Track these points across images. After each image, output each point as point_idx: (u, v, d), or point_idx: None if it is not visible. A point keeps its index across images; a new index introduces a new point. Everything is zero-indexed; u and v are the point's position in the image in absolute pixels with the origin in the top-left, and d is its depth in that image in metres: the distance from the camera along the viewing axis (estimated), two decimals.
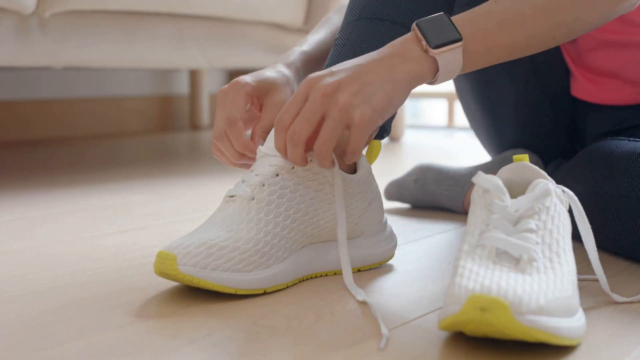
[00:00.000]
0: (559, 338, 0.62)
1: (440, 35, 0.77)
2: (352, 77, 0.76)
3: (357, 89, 0.75)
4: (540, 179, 0.73)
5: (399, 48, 0.78)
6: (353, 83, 0.75)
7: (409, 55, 0.77)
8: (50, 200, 1.37)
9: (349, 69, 0.77)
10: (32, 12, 1.55)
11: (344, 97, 0.75)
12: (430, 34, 0.77)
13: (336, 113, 0.75)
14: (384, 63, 0.77)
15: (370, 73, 0.76)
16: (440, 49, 0.77)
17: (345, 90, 0.75)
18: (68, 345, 0.65)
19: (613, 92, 1.12)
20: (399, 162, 1.98)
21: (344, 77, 0.76)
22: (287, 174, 0.84)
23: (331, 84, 0.75)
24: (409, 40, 0.78)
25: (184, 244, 0.77)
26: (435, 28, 0.77)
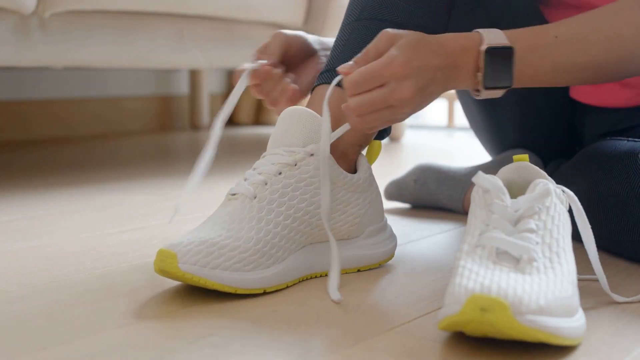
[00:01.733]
0: (559, 338, 0.62)
1: (497, 76, 0.80)
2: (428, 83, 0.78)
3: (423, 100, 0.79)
4: (540, 179, 0.73)
5: (462, 64, 0.80)
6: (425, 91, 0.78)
7: (462, 75, 0.80)
8: (50, 200, 1.36)
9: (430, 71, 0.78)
10: (32, 12, 1.55)
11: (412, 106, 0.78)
12: (491, 73, 0.79)
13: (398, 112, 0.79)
14: (448, 75, 0.79)
15: (437, 82, 0.79)
16: (488, 91, 0.81)
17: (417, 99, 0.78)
18: (68, 345, 0.65)
19: (611, 94, 1.12)
20: (399, 162, 1.98)
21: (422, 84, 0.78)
22: (289, 172, 0.84)
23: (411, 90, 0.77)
24: (469, 58, 0.80)
25: (185, 242, 0.77)
26: (497, 66, 0.79)
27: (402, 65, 0.77)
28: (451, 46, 0.80)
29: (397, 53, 0.77)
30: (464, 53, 0.80)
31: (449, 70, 0.79)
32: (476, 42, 0.80)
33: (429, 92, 0.79)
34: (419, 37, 0.79)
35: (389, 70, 0.77)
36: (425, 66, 0.78)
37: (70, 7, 1.59)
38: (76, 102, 2.60)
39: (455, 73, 0.80)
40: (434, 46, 0.79)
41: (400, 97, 0.77)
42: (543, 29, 0.84)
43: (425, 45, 0.79)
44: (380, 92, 0.77)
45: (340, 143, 0.89)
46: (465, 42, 0.80)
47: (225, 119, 0.91)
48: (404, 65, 0.77)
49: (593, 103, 1.14)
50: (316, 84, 0.90)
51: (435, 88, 0.79)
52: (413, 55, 0.77)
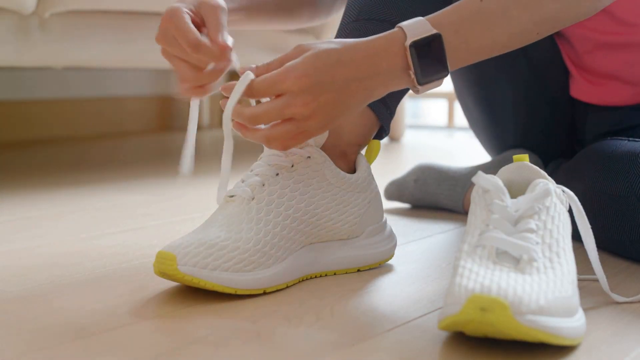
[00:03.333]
0: (559, 338, 0.62)
1: (430, 67, 0.75)
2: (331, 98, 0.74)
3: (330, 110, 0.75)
4: (540, 179, 0.73)
5: (385, 64, 0.75)
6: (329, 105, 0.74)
7: (392, 78, 0.76)
8: (50, 200, 1.37)
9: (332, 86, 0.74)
10: (32, 12, 1.55)
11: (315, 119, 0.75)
12: (421, 65, 0.75)
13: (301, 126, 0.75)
14: (367, 85, 0.75)
15: (350, 96, 0.75)
16: (425, 84, 0.76)
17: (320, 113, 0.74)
18: (68, 345, 0.65)
19: (612, 93, 1.12)
20: (399, 162, 1.98)
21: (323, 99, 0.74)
22: (287, 172, 0.84)
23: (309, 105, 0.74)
24: (395, 58, 0.75)
25: (184, 244, 0.77)
26: (428, 57, 0.75)
27: (297, 78, 0.73)
28: (368, 53, 0.75)
29: (295, 64, 0.73)
30: (388, 55, 0.75)
31: (367, 79, 0.75)
32: (399, 40, 0.75)
33: (344, 103, 0.75)
34: (326, 49, 0.74)
35: (283, 83, 0.73)
36: (326, 81, 0.73)
37: (70, 7, 1.59)
38: (76, 102, 2.60)
39: (379, 79, 0.75)
40: (343, 57, 0.74)
41: (295, 111, 0.74)
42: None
43: (330, 57, 0.74)
44: (274, 103, 0.74)
45: (340, 143, 0.89)
46: (386, 43, 0.75)
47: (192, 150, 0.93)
48: (298, 79, 0.73)
49: (593, 102, 1.14)
50: None
51: (352, 99, 0.75)
52: (312, 69, 0.73)
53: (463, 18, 0.77)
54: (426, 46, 0.75)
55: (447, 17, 0.77)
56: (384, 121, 0.91)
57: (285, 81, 0.74)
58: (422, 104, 3.83)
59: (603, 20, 1.07)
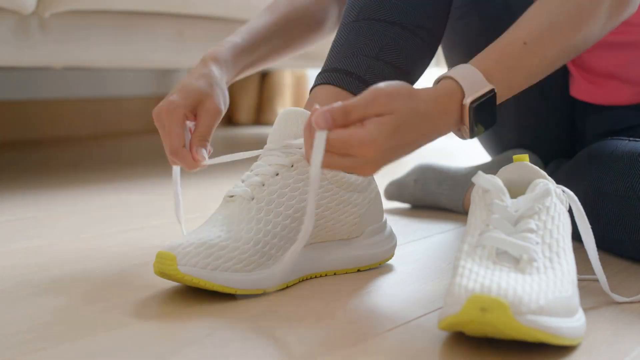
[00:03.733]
0: (559, 338, 0.62)
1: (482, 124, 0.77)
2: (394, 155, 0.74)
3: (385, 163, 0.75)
4: (540, 179, 0.73)
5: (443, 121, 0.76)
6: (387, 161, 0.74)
7: (446, 129, 0.77)
8: (50, 200, 1.36)
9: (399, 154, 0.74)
10: (32, 12, 1.55)
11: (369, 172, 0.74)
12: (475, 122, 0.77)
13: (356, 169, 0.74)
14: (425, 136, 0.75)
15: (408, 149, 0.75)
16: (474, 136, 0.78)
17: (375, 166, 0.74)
18: (68, 345, 0.65)
19: (611, 92, 1.12)
20: (399, 162, 1.98)
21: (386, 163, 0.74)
22: (287, 172, 0.84)
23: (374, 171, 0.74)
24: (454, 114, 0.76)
25: (184, 244, 0.77)
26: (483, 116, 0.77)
27: (372, 151, 0.72)
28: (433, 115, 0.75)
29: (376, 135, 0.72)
30: (446, 114, 0.76)
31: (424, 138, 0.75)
32: (458, 98, 0.76)
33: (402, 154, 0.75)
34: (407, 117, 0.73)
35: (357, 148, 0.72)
36: (397, 147, 0.73)
37: (70, 7, 1.59)
38: (76, 102, 2.59)
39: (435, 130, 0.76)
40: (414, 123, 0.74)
41: (362, 173, 0.74)
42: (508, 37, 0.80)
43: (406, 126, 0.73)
44: (342, 161, 0.73)
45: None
46: (448, 101, 0.76)
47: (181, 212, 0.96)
48: (374, 151, 0.72)
49: (593, 102, 1.14)
50: (315, 84, 0.90)
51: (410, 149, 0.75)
52: (391, 141, 0.72)
53: (510, 68, 0.79)
54: (485, 106, 0.77)
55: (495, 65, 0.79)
56: None
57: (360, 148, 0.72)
58: None
59: None
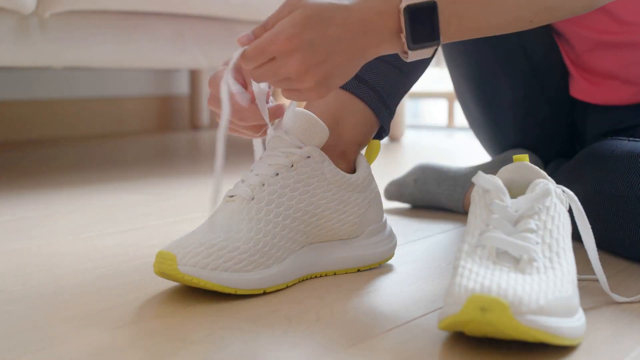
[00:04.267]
0: (559, 338, 0.62)
1: (422, 33, 0.74)
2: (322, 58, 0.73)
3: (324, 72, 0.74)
4: (540, 179, 0.73)
5: (378, 25, 0.75)
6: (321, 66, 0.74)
7: (383, 40, 0.75)
8: (50, 200, 1.36)
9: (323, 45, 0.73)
10: (32, 12, 1.55)
11: (308, 80, 0.74)
12: (413, 30, 0.74)
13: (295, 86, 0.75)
14: (358, 44, 0.75)
15: (341, 53, 0.74)
16: (416, 49, 0.75)
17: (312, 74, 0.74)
18: (68, 345, 0.65)
19: (611, 92, 1.12)
20: (399, 162, 1.98)
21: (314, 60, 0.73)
22: (287, 172, 0.84)
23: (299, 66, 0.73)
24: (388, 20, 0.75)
25: (184, 244, 0.77)
26: (421, 23, 0.74)
27: (287, 40, 0.72)
28: (362, 13, 0.74)
29: (285, 26, 0.73)
30: (381, 16, 0.75)
31: (359, 37, 0.74)
32: (394, 3, 0.74)
33: (337, 63, 0.74)
34: (318, 7, 0.74)
35: (274, 45, 0.73)
36: (317, 39, 0.73)
37: (70, 7, 1.59)
38: (76, 102, 2.60)
39: (371, 39, 0.75)
40: (336, 16, 0.74)
41: (289, 71, 0.73)
42: None
43: (323, 15, 0.74)
44: (268, 66, 0.74)
45: (340, 143, 0.89)
46: (382, 6, 0.75)
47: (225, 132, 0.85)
48: (289, 40, 0.73)
49: (594, 101, 1.14)
50: None
51: (344, 58, 0.74)
52: (303, 29, 0.73)
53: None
54: (420, 11, 0.74)
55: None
56: (384, 121, 0.91)
57: (276, 43, 0.73)
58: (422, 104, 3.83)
59: (602, 19, 1.07)
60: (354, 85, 0.89)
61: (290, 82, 0.75)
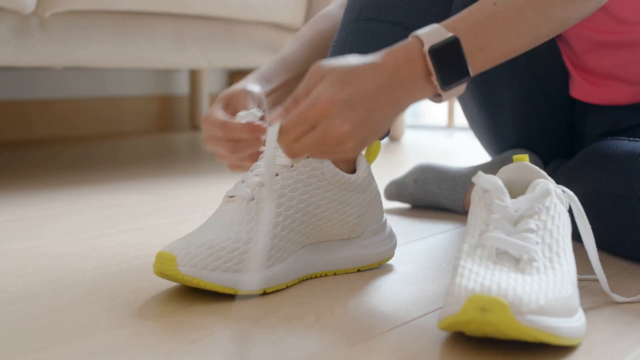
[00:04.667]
0: (559, 338, 0.62)
1: (452, 72, 0.74)
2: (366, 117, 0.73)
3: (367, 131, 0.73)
4: (540, 179, 0.73)
5: (407, 74, 0.74)
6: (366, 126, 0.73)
7: (416, 87, 0.75)
8: (50, 200, 1.37)
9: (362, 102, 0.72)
10: (32, 12, 1.55)
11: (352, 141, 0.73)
12: (443, 71, 0.74)
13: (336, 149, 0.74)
14: (393, 97, 0.74)
15: (380, 111, 0.74)
16: (449, 89, 0.75)
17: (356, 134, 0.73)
18: (68, 345, 0.65)
19: (611, 92, 1.12)
20: (399, 162, 1.98)
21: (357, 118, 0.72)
22: (286, 173, 0.84)
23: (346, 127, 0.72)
24: (416, 67, 0.74)
25: (184, 244, 0.77)
26: (449, 62, 0.74)
27: (327, 104, 0.71)
28: (390, 66, 0.73)
29: (321, 90, 0.72)
30: (409, 65, 0.74)
31: (393, 90, 0.74)
32: (417, 48, 0.74)
33: (376, 120, 0.74)
34: (346, 67, 0.73)
35: (314, 111, 0.72)
36: (355, 96, 0.72)
37: (70, 7, 1.59)
38: (76, 102, 2.60)
39: (404, 89, 0.74)
40: (366, 72, 0.73)
41: (335, 135, 0.72)
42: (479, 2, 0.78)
43: (353, 74, 0.72)
44: (312, 135, 0.73)
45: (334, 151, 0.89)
46: (405, 53, 0.74)
47: None
48: (329, 103, 0.71)
49: (593, 102, 1.14)
50: None
51: (382, 114, 0.74)
52: (339, 89, 0.71)
53: (477, 23, 0.76)
54: (444, 50, 0.74)
55: (462, 22, 0.77)
56: None
57: (316, 108, 0.72)
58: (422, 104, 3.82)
59: (602, 19, 1.07)
60: None
61: (336, 146, 0.74)
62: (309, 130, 0.73)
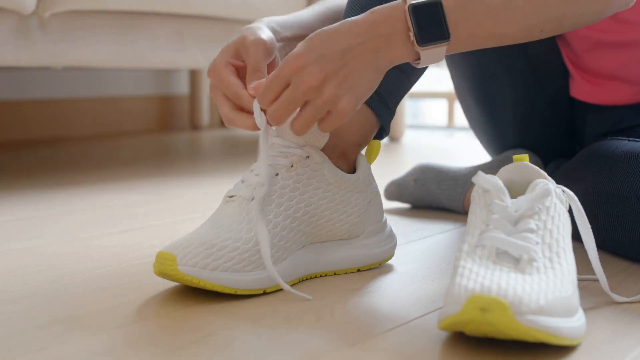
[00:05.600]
0: (559, 338, 0.62)
1: (430, 30, 0.75)
2: (338, 66, 0.74)
3: (343, 79, 0.74)
4: (540, 179, 0.73)
5: (385, 29, 0.75)
6: (339, 73, 0.74)
7: (394, 41, 0.75)
8: (50, 200, 1.37)
9: (335, 54, 0.74)
10: (32, 12, 1.55)
11: (329, 90, 0.74)
12: (421, 27, 0.75)
13: (319, 103, 0.75)
14: (369, 47, 0.75)
15: (355, 59, 0.75)
16: (426, 47, 0.75)
17: (331, 82, 0.74)
18: (68, 345, 0.65)
19: (611, 92, 1.12)
20: (399, 162, 1.98)
21: (330, 68, 0.74)
22: (286, 173, 0.84)
23: (316, 76, 0.74)
24: (396, 22, 0.75)
25: (184, 244, 0.77)
26: (427, 20, 0.75)
27: (296, 59, 0.74)
28: (367, 20, 0.75)
29: (294, 50, 0.75)
30: (388, 19, 0.75)
31: (370, 41, 0.75)
32: (400, 6, 0.75)
33: (358, 69, 0.75)
34: (321, 29, 0.76)
35: (286, 69, 0.74)
36: (327, 51, 0.74)
37: (70, 7, 1.59)
38: (76, 102, 2.60)
39: (381, 40, 0.75)
40: (341, 30, 0.75)
41: (307, 87, 0.74)
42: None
43: (326, 33, 0.75)
44: (286, 92, 0.75)
45: (340, 143, 0.89)
46: (387, 10, 0.76)
47: None
48: (298, 58, 0.74)
49: (593, 102, 1.14)
50: None
51: (361, 62, 0.75)
52: (309, 47, 0.74)
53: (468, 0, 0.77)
54: (424, 8, 0.75)
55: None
56: (384, 121, 0.91)
57: (286, 67, 0.74)
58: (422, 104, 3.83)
59: None
60: None
61: (313, 103, 0.75)
62: (284, 89, 0.75)
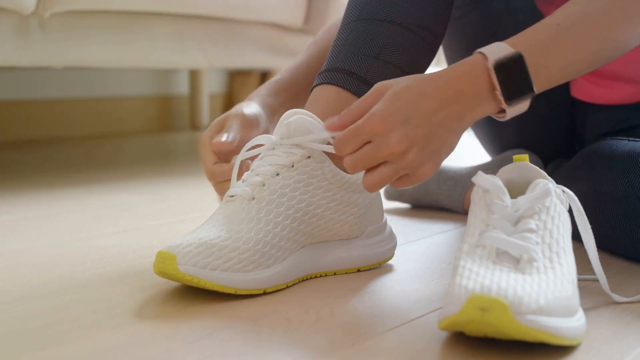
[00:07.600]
0: (559, 338, 0.62)
1: (516, 87, 0.74)
2: (423, 132, 0.73)
3: (426, 144, 0.74)
4: (540, 179, 0.73)
5: (469, 87, 0.74)
6: (423, 139, 0.73)
7: (479, 103, 0.75)
8: (50, 200, 1.36)
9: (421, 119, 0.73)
10: (32, 12, 1.55)
11: (412, 156, 0.74)
12: (507, 85, 0.74)
13: (400, 167, 0.74)
14: (455, 112, 0.74)
15: (441, 126, 0.74)
16: (513, 106, 0.75)
17: (415, 148, 0.73)
18: (68, 345, 0.65)
19: (612, 92, 1.12)
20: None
21: (414, 134, 0.73)
22: (287, 172, 0.84)
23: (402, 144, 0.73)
24: (479, 81, 0.74)
25: (184, 243, 0.77)
26: (513, 77, 0.74)
27: (380, 121, 0.72)
28: (451, 80, 0.75)
29: (378, 108, 0.73)
30: (471, 78, 0.74)
31: (455, 105, 0.74)
32: (481, 63, 0.75)
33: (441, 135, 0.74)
34: (406, 83, 0.74)
35: (368, 127, 0.73)
36: (413, 114, 0.73)
37: (70, 7, 1.59)
38: (76, 102, 2.59)
39: (466, 103, 0.75)
40: (425, 88, 0.74)
41: (390, 152, 0.73)
42: (542, 22, 0.80)
43: (413, 90, 0.74)
44: (366, 148, 0.74)
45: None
46: (468, 68, 0.75)
47: None
48: (382, 120, 0.72)
49: (594, 101, 1.14)
50: (315, 84, 0.90)
51: (446, 129, 0.74)
52: (395, 107, 0.73)
53: (541, 41, 0.77)
54: (508, 64, 0.74)
55: (525, 40, 0.77)
56: None
57: (370, 126, 0.73)
58: None
59: None
60: (355, 85, 0.89)
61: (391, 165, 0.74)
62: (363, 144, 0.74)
